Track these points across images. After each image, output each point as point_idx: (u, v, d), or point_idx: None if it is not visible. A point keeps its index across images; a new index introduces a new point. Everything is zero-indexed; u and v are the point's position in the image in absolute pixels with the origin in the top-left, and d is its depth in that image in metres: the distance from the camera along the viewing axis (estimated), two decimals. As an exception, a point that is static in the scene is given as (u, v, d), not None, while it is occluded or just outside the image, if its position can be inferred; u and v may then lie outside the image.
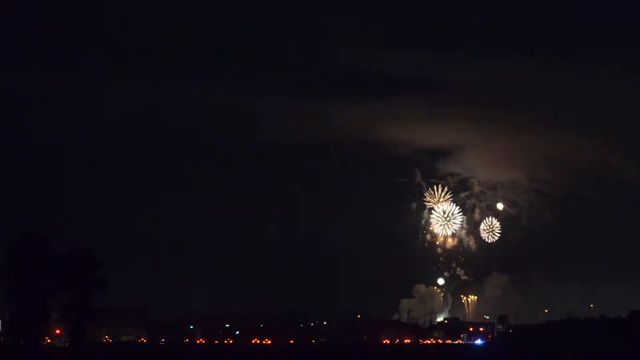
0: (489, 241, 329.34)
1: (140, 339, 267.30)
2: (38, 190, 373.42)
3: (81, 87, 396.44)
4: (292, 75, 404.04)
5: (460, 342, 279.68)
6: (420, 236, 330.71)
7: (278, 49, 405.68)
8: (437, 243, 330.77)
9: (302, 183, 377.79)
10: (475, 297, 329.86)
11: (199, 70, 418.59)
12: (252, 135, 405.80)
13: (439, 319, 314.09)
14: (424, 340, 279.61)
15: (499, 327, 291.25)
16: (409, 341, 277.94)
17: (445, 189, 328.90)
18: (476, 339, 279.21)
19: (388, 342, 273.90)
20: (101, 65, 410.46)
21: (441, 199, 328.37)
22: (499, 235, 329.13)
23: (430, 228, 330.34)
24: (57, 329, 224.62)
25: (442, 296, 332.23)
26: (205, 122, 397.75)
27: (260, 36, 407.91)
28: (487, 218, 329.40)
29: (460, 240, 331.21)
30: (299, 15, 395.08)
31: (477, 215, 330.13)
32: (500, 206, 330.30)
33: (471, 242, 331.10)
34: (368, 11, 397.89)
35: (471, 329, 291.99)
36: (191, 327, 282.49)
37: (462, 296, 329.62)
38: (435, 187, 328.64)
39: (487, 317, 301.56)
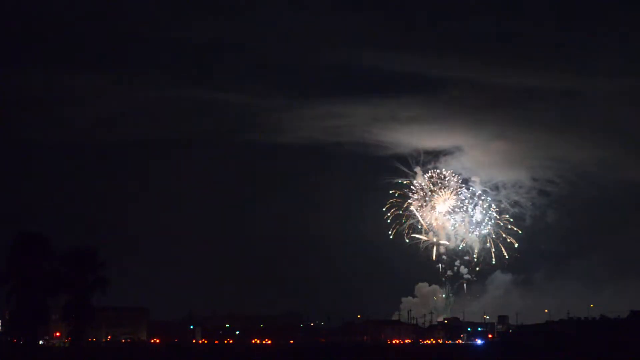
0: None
1: (152, 340, 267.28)
2: (38, 190, 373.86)
3: (81, 87, 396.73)
4: (292, 75, 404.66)
5: (460, 342, 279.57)
6: (423, 236, 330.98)
7: (278, 49, 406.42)
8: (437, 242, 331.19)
9: (302, 183, 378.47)
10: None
11: (198, 70, 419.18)
12: (252, 135, 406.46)
13: (439, 318, 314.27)
14: (424, 340, 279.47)
15: (499, 327, 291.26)
16: (409, 341, 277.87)
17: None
18: (476, 339, 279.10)
19: (397, 342, 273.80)
20: (101, 65, 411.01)
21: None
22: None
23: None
24: (57, 329, 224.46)
25: (444, 295, 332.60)
26: (205, 121, 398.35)
27: (260, 36, 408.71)
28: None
29: (463, 239, 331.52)
30: (299, 15, 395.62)
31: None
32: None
33: (473, 242, 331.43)
34: (368, 11, 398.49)
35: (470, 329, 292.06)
36: (191, 327, 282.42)
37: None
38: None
39: (487, 317, 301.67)
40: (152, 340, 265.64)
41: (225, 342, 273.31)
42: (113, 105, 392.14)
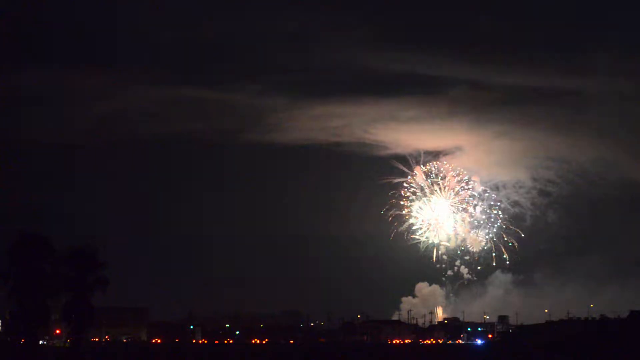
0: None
1: (154, 340, 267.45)
2: (38, 190, 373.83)
3: (81, 86, 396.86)
4: (292, 75, 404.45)
5: (460, 342, 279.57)
6: (423, 236, 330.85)
7: (278, 49, 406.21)
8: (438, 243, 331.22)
9: (302, 183, 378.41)
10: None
11: (198, 70, 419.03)
12: (252, 135, 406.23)
13: (439, 315, 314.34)
14: (424, 340, 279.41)
15: (499, 327, 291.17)
16: (409, 341, 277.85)
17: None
18: (476, 339, 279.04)
19: (397, 342, 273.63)
20: (101, 65, 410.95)
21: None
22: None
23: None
24: (57, 329, 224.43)
25: (445, 295, 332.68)
26: (205, 122, 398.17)
27: (260, 36, 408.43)
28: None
29: (464, 239, 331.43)
30: (299, 15, 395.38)
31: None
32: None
33: (473, 242, 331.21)
34: (368, 11, 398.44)
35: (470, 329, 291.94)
36: (191, 327, 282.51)
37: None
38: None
39: (487, 317, 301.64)
40: (154, 341, 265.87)
41: (225, 342, 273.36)
42: (113, 105, 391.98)
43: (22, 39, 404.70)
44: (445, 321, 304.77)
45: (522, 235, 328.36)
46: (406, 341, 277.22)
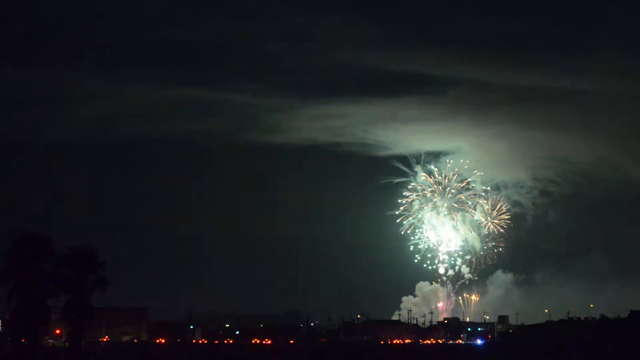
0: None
1: (157, 340, 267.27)
2: (38, 190, 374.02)
3: (80, 86, 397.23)
4: (292, 75, 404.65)
5: (460, 342, 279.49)
6: (423, 235, 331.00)
7: (278, 49, 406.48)
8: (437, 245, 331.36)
9: (303, 183, 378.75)
10: (477, 297, 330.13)
11: (198, 70, 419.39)
12: (252, 136, 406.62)
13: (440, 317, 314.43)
14: (424, 340, 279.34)
15: (499, 327, 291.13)
16: (409, 341, 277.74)
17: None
18: (476, 339, 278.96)
19: (397, 342, 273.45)
20: (101, 65, 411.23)
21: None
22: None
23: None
24: (57, 329, 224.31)
25: (445, 295, 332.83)
26: (205, 122, 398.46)
27: (260, 36, 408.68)
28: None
29: (465, 239, 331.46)
30: (299, 15, 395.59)
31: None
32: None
33: (475, 242, 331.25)
34: (368, 11, 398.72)
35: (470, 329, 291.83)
36: (191, 327, 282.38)
37: (465, 295, 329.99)
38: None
39: (487, 317, 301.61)
40: (158, 340, 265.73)
41: (225, 342, 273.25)
42: (113, 105, 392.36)
43: (22, 39, 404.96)
44: (445, 321, 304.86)
45: (522, 233, 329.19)
46: (406, 341, 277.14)
